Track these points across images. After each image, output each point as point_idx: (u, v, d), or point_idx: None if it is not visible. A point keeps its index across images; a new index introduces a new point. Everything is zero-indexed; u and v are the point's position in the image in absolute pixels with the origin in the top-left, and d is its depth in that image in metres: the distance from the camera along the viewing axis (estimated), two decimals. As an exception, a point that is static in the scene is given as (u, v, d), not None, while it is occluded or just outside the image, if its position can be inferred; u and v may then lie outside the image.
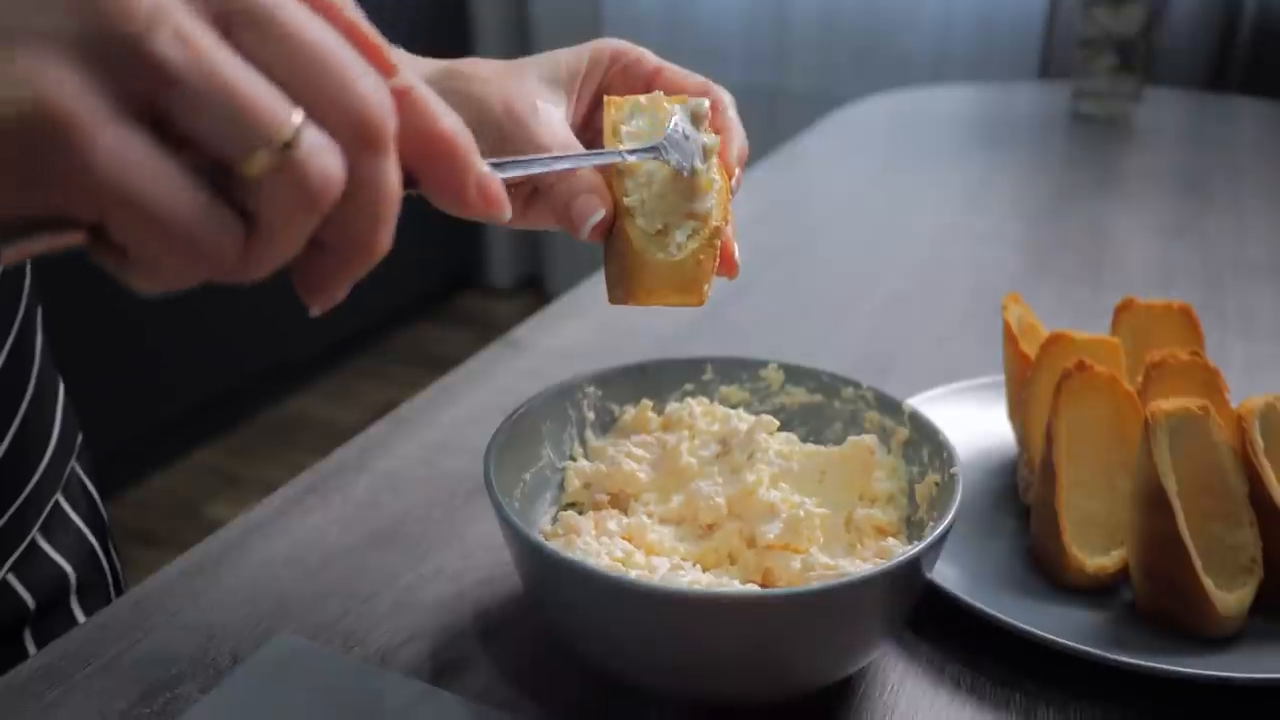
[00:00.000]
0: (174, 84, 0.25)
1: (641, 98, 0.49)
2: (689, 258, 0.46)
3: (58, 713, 0.45)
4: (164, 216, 0.26)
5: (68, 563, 0.60)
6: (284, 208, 0.27)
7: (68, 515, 0.61)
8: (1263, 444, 0.50)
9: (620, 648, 0.43)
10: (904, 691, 0.48)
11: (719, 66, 2.83)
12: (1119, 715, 0.46)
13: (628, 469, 0.51)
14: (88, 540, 0.62)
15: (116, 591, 0.65)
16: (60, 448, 0.60)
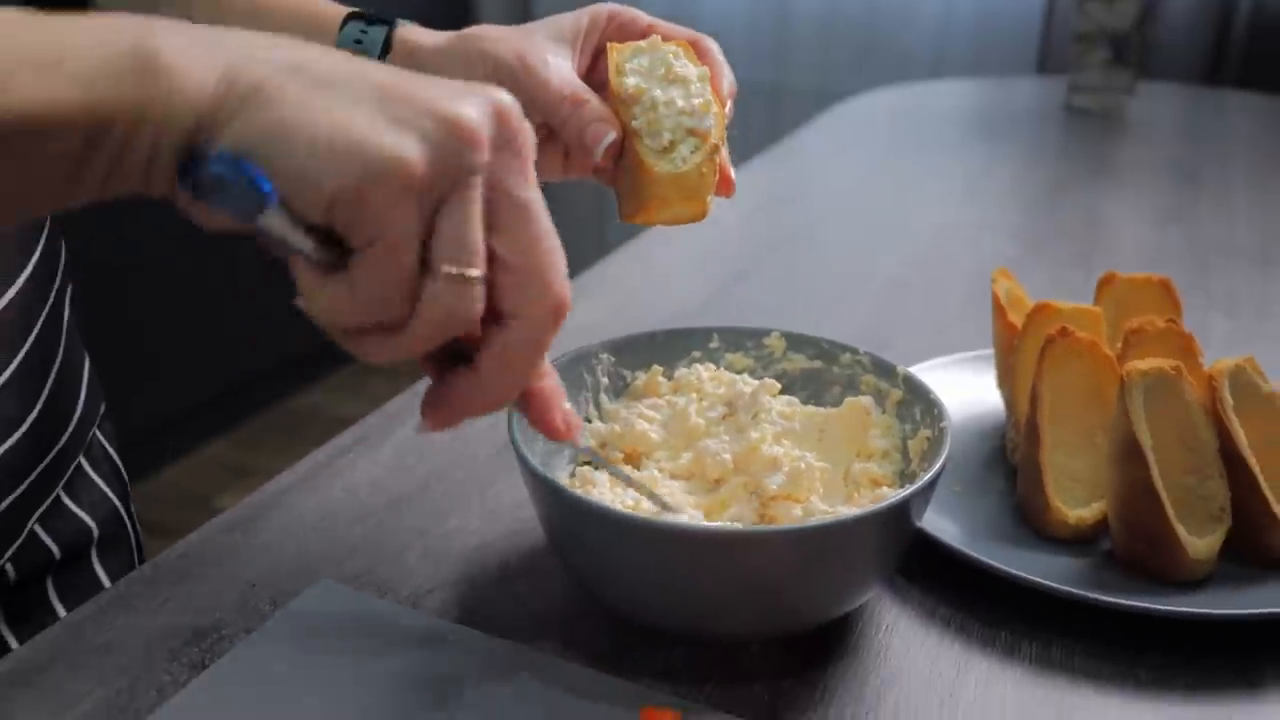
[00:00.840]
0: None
1: (641, 42, 0.55)
2: (693, 169, 0.52)
3: (115, 648, 0.49)
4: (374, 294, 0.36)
5: (90, 518, 0.64)
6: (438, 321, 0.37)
7: (90, 476, 0.65)
8: (1232, 402, 0.54)
9: (634, 587, 0.47)
10: (897, 631, 0.51)
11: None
12: (1097, 651, 0.50)
13: (640, 429, 0.55)
14: (110, 499, 0.66)
15: (138, 551, 0.69)
16: (86, 413, 0.64)
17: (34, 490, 0.58)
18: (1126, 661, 0.50)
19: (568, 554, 0.49)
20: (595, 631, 0.51)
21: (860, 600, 0.50)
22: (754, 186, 1.24)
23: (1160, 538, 0.51)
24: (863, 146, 1.45)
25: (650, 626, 0.49)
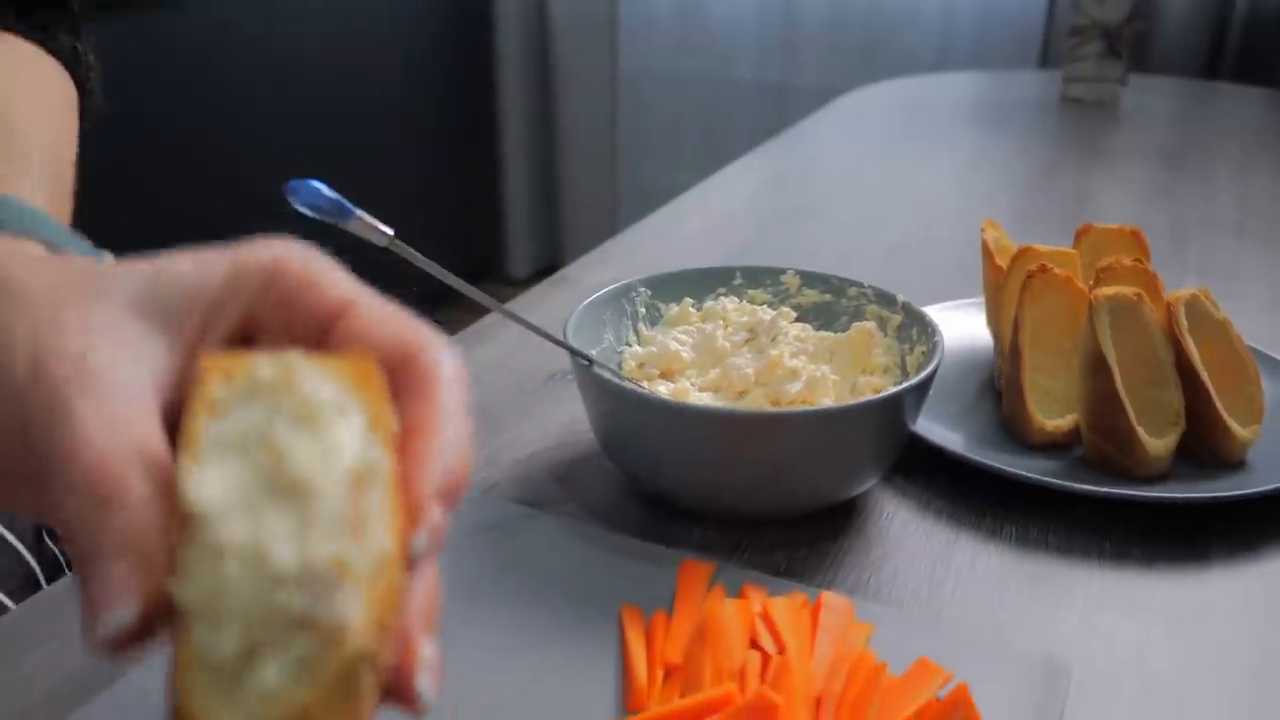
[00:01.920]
0: None
1: (265, 366, 0.27)
2: (290, 718, 0.24)
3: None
4: None
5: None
6: None
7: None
8: (1187, 325, 0.62)
9: (675, 470, 0.55)
10: (897, 518, 0.60)
11: (730, 63, 2.96)
12: (1068, 532, 0.58)
13: (674, 349, 0.63)
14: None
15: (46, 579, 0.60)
16: None
17: None
18: (1093, 541, 0.58)
19: (616, 445, 0.58)
20: (638, 515, 0.59)
21: (864, 486, 0.58)
22: (761, 168, 1.33)
23: (1124, 438, 0.60)
24: (866, 133, 1.54)
25: (687, 508, 0.58)
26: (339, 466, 0.25)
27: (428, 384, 0.29)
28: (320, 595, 0.24)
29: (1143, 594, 0.54)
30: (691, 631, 0.47)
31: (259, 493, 0.25)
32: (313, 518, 0.24)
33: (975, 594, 0.54)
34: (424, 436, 0.28)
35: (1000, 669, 0.46)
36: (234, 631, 0.24)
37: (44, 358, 0.27)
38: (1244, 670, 0.49)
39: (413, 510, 0.27)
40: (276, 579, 0.24)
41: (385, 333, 0.30)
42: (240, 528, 0.24)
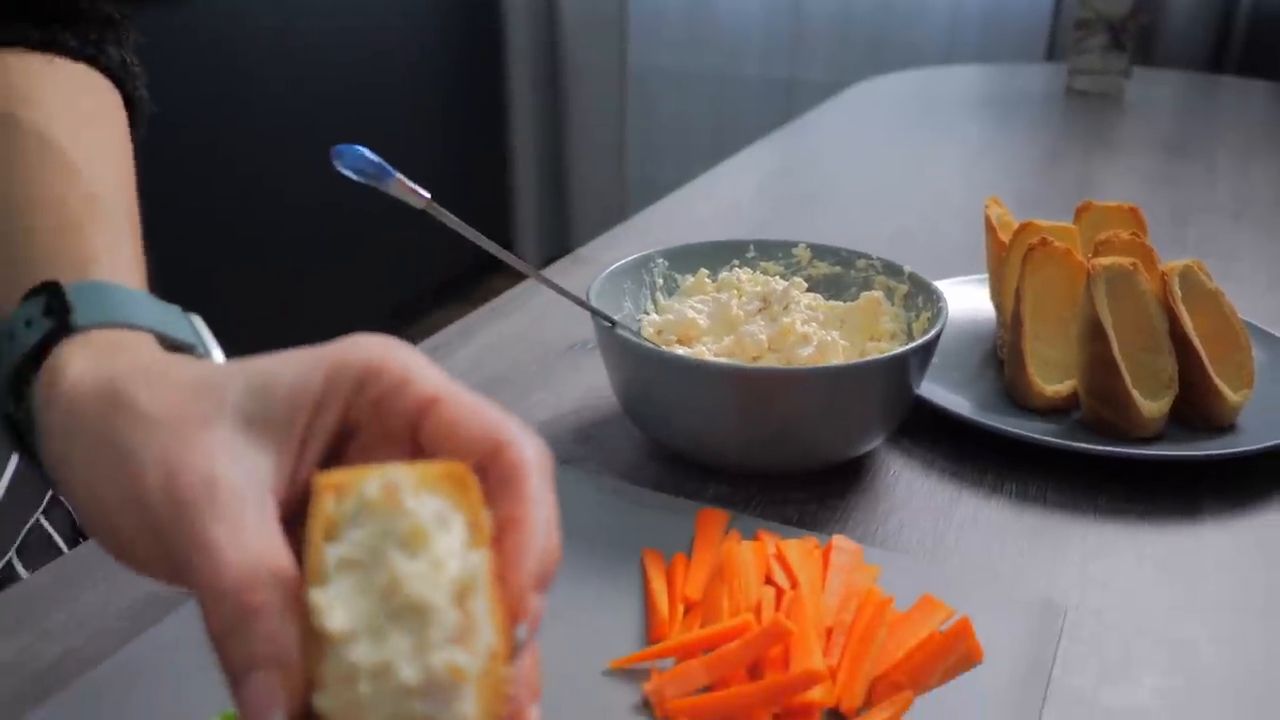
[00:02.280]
0: None
1: (372, 484, 0.30)
2: None
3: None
4: None
5: None
6: None
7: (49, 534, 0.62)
8: (1181, 294, 0.65)
9: (692, 427, 0.59)
10: (901, 477, 0.63)
11: (738, 59, 2.99)
12: (1066, 490, 0.61)
13: (690, 317, 0.66)
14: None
15: None
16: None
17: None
18: (1090, 497, 0.61)
19: (636, 404, 0.61)
20: (656, 473, 0.62)
21: (872, 444, 0.61)
22: (770, 156, 1.36)
23: (1120, 401, 0.63)
24: (874, 123, 1.57)
25: (703, 464, 0.61)
26: (445, 582, 0.28)
27: (516, 475, 0.32)
28: (441, 700, 0.27)
29: (1136, 545, 0.57)
30: (710, 571, 0.50)
31: (379, 615, 0.28)
32: (428, 634, 0.28)
33: (977, 545, 0.57)
34: (517, 529, 0.31)
35: (999, 608, 0.49)
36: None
37: (175, 478, 0.30)
38: (1229, 613, 0.52)
39: (513, 604, 0.30)
40: (403, 691, 0.27)
41: (473, 427, 0.32)
42: (367, 650, 0.27)
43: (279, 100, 2.39)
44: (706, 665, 0.44)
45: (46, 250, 0.41)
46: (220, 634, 0.29)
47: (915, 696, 0.44)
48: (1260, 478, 0.62)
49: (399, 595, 0.28)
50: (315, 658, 0.28)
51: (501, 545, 0.31)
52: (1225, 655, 0.50)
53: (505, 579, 0.30)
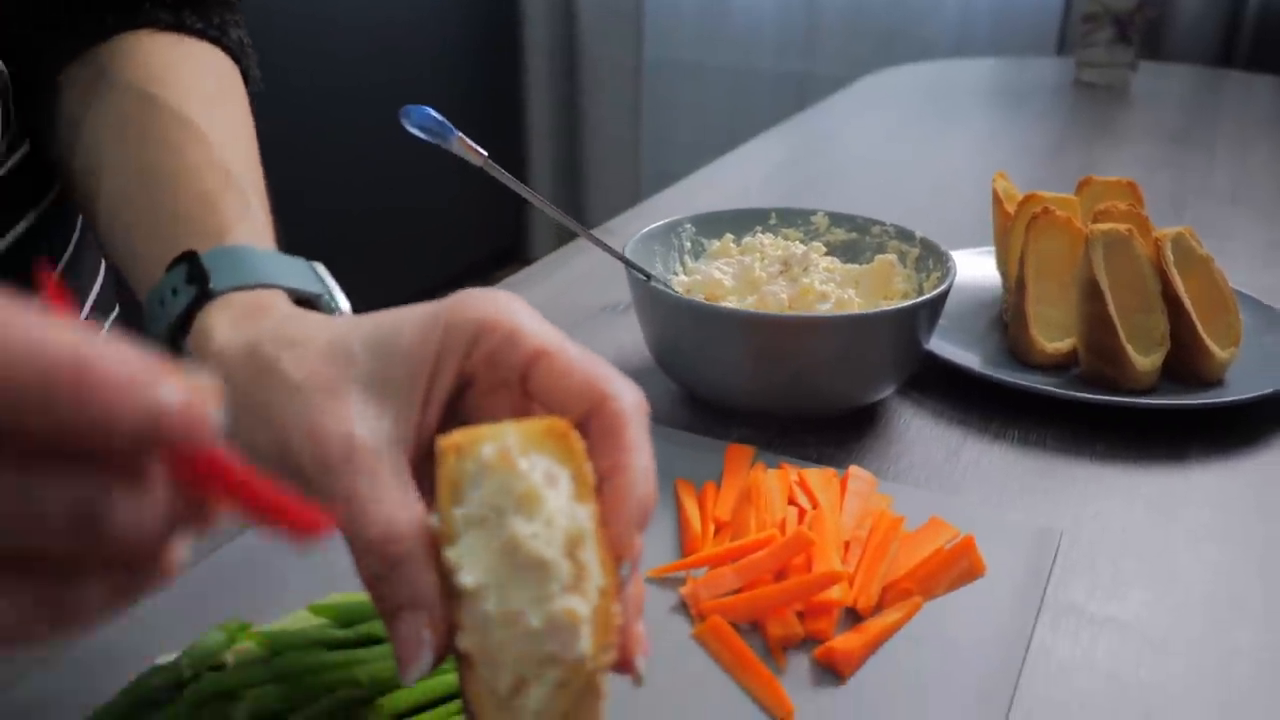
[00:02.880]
0: None
1: (487, 449, 0.33)
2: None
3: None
4: None
5: None
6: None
7: None
8: (1173, 259, 0.70)
9: (717, 373, 0.64)
10: (912, 424, 0.68)
11: (752, 54, 3.04)
12: (1065, 437, 0.66)
13: (716, 278, 0.72)
14: None
15: None
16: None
17: None
18: (1087, 444, 0.66)
19: (667, 353, 0.66)
20: (686, 419, 0.67)
21: (885, 392, 0.66)
22: (783, 143, 1.41)
23: (1115, 356, 0.68)
24: (885, 112, 1.61)
25: (729, 409, 0.66)
26: (558, 539, 0.32)
27: (617, 426, 0.35)
28: (561, 640, 0.32)
29: (1129, 486, 0.62)
30: (738, 496, 0.55)
31: (504, 569, 0.32)
32: (547, 586, 0.32)
33: (980, 484, 0.62)
34: (619, 476, 0.34)
35: (1000, 532, 0.54)
36: (507, 673, 0.32)
37: (318, 440, 0.34)
38: (1211, 543, 0.57)
39: (616, 546, 0.33)
40: (530, 634, 0.32)
41: (577, 380, 0.35)
42: (496, 601, 0.32)
43: (298, 98, 2.44)
44: (736, 570, 0.49)
45: (187, 221, 0.45)
46: (370, 581, 0.33)
47: (924, 602, 0.49)
48: (1244, 428, 0.67)
49: (519, 553, 0.32)
50: (454, 604, 0.33)
51: (604, 492, 0.34)
52: (1206, 576, 0.54)
53: (608, 524, 0.34)
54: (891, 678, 0.45)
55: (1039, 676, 0.47)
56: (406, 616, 0.33)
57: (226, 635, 0.45)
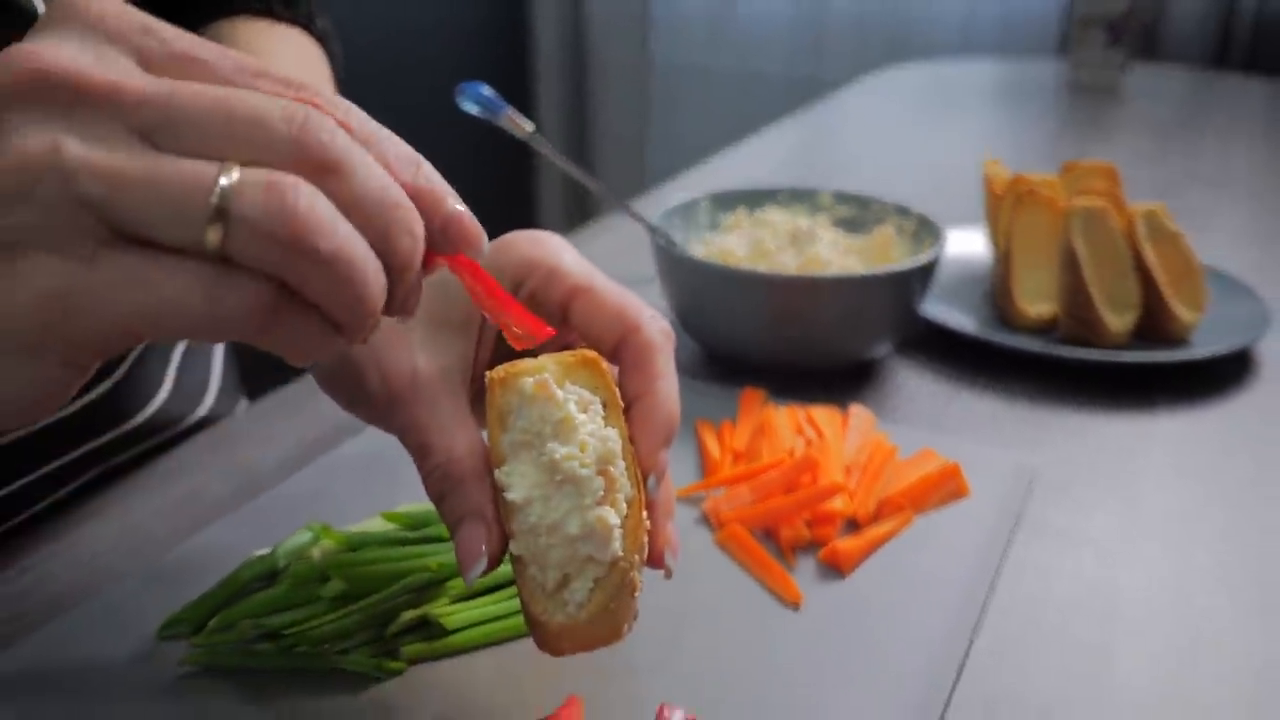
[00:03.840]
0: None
1: (528, 381, 0.38)
2: (598, 614, 0.38)
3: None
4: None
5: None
6: (258, 257, 0.28)
7: None
8: (1145, 233, 0.77)
9: (732, 329, 0.71)
10: (909, 380, 0.75)
11: (759, 57, 3.11)
12: (1047, 390, 0.73)
13: (731, 248, 0.79)
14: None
15: None
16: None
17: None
18: (1065, 396, 0.73)
19: (687, 312, 0.73)
20: (705, 374, 0.75)
21: (882, 349, 0.74)
22: (791, 134, 1.49)
23: (1090, 318, 0.75)
24: (890, 106, 1.69)
25: (742, 363, 0.73)
26: (591, 459, 0.37)
27: (645, 355, 0.40)
28: (596, 544, 0.37)
29: (1101, 433, 0.69)
30: (752, 430, 0.62)
31: (547, 485, 0.38)
32: (583, 499, 0.37)
33: (968, 429, 0.69)
34: (646, 399, 0.39)
35: (984, 463, 0.62)
36: (553, 572, 0.38)
37: (387, 376, 0.38)
38: (1173, 477, 0.64)
39: (644, 462, 0.39)
40: (570, 540, 0.37)
41: (609, 312, 0.40)
42: (541, 512, 0.38)
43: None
44: (752, 488, 0.56)
45: None
46: (435, 497, 0.39)
47: (914, 515, 0.56)
48: (1205, 382, 0.75)
49: (558, 472, 0.37)
50: (506, 516, 0.38)
51: (634, 412, 0.39)
52: (1167, 504, 0.62)
53: (637, 442, 0.39)
54: (885, 575, 0.52)
55: (1015, 580, 0.54)
56: (466, 527, 0.38)
57: (313, 534, 0.52)
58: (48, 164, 0.26)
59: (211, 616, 0.48)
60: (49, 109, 0.27)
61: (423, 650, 0.47)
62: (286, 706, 0.44)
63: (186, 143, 0.27)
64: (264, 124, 0.27)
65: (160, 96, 0.27)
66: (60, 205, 0.26)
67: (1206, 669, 0.48)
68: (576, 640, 0.38)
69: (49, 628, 0.48)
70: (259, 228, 0.27)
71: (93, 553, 0.56)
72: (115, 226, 0.27)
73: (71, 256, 0.27)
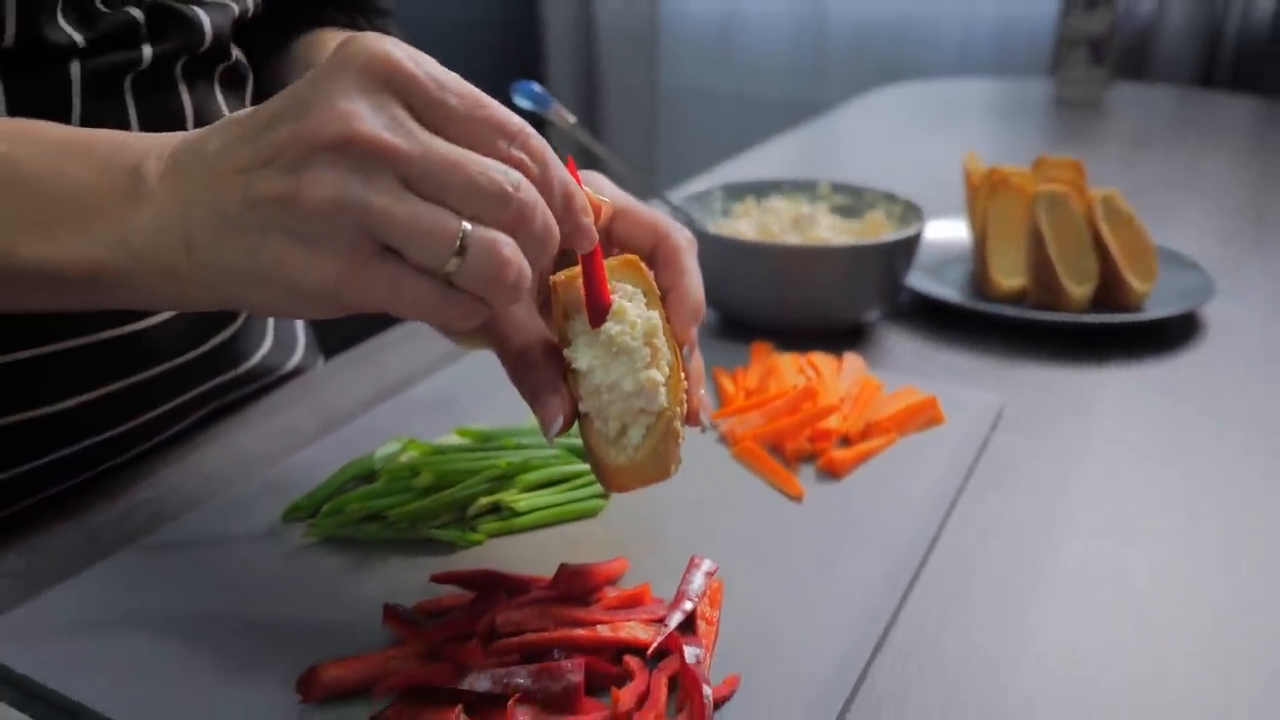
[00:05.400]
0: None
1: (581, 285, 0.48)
2: (649, 455, 0.48)
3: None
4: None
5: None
6: (472, 284, 0.40)
7: None
8: (1103, 214, 0.89)
9: (743, 294, 0.82)
10: (898, 337, 0.86)
11: (761, 81, 3.24)
12: (1015, 348, 0.85)
13: (741, 230, 0.90)
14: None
15: None
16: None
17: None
18: (1032, 353, 0.84)
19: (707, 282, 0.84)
20: (720, 333, 0.86)
21: (873, 313, 0.85)
22: (793, 142, 1.61)
23: (1054, 287, 0.86)
24: (887, 120, 1.81)
25: (754, 326, 0.85)
26: (639, 334, 0.47)
27: (674, 256, 0.52)
28: (648, 397, 0.47)
29: (1062, 383, 0.80)
30: (762, 372, 0.74)
31: (606, 356, 0.47)
32: (635, 363, 0.47)
33: (948, 379, 0.80)
34: (677, 288, 0.51)
35: (957, 400, 0.73)
36: (613, 423, 0.48)
37: None
38: (1120, 417, 0.76)
39: (680, 335, 0.50)
40: (627, 396, 0.47)
41: (644, 225, 0.53)
42: (602, 376, 0.47)
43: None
44: (762, 413, 0.67)
45: None
46: (516, 380, 0.49)
47: (897, 436, 0.67)
48: (1153, 342, 0.86)
49: (614, 345, 0.47)
50: (574, 385, 0.48)
51: (668, 299, 0.51)
52: (1116, 435, 0.73)
53: (672, 320, 0.50)
54: (871, 480, 0.64)
55: (979, 489, 0.65)
56: (544, 397, 0.48)
57: (400, 444, 0.63)
58: (342, 203, 0.38)
59: (324, 504, 0.59)
60: (348, 159, 0.38)
61: (497, 527, 0.58)
62: (387, 569, 0.55)
63: (436, 193, 0.39)
64: (487, 194, 0.39)
65: (420, 157, 0.38)
66: (348, 228, 0.38)
67: (1133, 555, 0.59)
68: (634, 477, 0.48)
69: (191, 515, 0.60)
70: (481, 268, 0.39)
71: (212, 468, 0.67)
72: (381, 244, 0.39)
73: (349, 259, 0.39)
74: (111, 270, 0.41)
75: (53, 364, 0.59)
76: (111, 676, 0.46)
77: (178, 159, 0.41)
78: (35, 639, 0.49)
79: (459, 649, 0.46)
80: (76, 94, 0.55)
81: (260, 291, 0.40)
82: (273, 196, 0.38)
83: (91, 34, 0.55)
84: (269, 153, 0.38)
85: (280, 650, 0.48)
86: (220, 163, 0.40)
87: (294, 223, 0.38)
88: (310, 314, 0.41)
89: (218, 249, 0.40)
